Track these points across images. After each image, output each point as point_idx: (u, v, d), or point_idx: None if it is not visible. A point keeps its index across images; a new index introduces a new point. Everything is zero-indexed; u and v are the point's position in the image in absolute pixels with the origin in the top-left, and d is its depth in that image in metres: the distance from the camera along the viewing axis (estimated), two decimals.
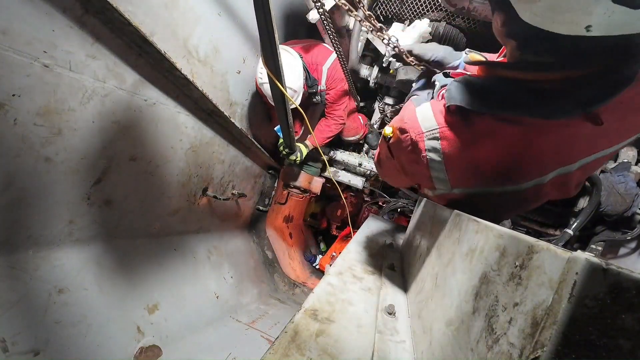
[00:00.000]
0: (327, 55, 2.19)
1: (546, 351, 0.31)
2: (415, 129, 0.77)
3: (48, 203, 1.23)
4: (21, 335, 1.08)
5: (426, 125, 0.76)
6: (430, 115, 0.76)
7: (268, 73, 1.47)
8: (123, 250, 1.58)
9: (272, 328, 2.09)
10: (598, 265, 0.29)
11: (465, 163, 0.75)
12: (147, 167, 1.60)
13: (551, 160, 0.74)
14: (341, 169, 2.99)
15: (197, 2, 1.58)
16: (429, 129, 0.75)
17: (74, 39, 1.12)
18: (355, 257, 1.21)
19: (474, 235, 0.61)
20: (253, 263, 2.74)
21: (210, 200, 2.20)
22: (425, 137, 0.75)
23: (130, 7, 1.24)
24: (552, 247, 0.36)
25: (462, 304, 0.55)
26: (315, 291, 0.84)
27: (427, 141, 0.75)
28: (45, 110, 1.11)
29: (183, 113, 1.71)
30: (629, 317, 0.29)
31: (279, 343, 0.61)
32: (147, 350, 1.45)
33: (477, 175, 0.77)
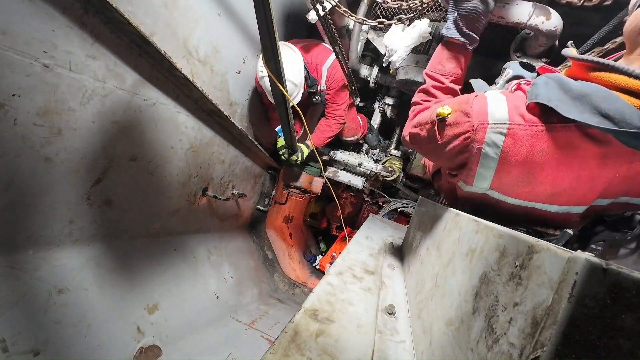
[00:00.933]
0: (327, 55, 2.20)
1: (546, 351, 0.31)
2: (481, 116, 0.70)
3: (48, 203, 1.22)
4: (21, 335, 1.08)
5: (496, 117, 0.69)
6: (504, 108, 0.70)
7: (269, 73, 1.47)
8: (123, 250, 1.58)
9: (272, 328, 2.09)
10: (598, 265, 0.29)
11: (521, 170, 0.69)
12: (147, 167, 1.60)
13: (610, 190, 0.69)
14: (341, 169, 2.99)
15: (197, 2, 1.58)
16: (498, 121, 0.68)
17: (74, 39, 1.12)
18: (355, 257, 1.21)
19: (474, 235, 0.61)
20: (253, 263, 2.74)
21: (210, 200, 2.20)
22: (489, 129, 0.69)
23: (130, 7, 1.24)
24: (552, 247, 0.36)
25: (462, 304, 0.55)
26: (315, 291, 0.84)
27: (490, 134, 0.69)
28: (45, 110, 1.11)
29: (183, 113, 1.71)
30: (629, 317, 0.29)
31: (279, 343, 0.61)
32: (147, 350, 1.45)
33: (525, 186, 0.72)
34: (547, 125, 0.65)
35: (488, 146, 0.69)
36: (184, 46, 1.57)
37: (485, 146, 0.70)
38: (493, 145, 0.69)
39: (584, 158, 0.64)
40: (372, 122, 3.03)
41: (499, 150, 0.69)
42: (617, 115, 0.56)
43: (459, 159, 0.78)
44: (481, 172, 0.74)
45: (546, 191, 0.72)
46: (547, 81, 0.67)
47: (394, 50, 2.14)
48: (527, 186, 0.72)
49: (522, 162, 0.68)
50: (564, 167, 0.66)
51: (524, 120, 0.67)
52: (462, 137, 0.73)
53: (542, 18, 1.64)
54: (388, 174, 2.80)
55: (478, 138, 0.70)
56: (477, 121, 0.70)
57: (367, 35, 2.41)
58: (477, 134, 0.70)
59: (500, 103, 0.71)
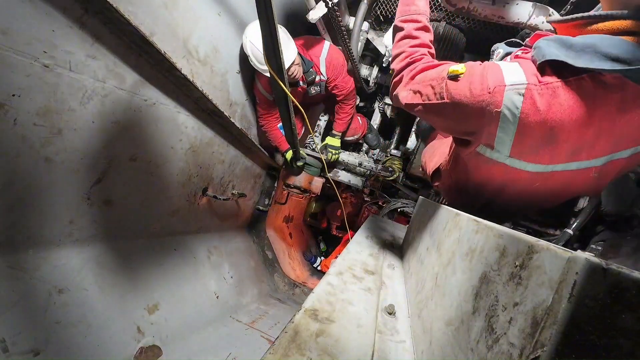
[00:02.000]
0: (320, 46, 2.19)
1: (546, 351, 0.31)
2: (497, 79, 0.70)
3: (48, 203, 1.22)
4: (21, 335, 1.08)
5: (512, 79, 0.69)
6: (520, 71, 0.69)
7: (270, 72, 1.47)
8: (123, 250, 1.58)
9: (272, 328, 2.09)
10: (598, 265, 0.29)
11: (542, 131, 0.68)
12: (147, 167, 1.60)
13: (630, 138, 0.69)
14: (341, 169, 2.99)
15: (197, 2, 1.58)
16: (515, 82, 0.68)
17: (74, 39, 1.12)
18: (355, 257, 1.21)
19: (474, 235, 0.61)
20: (253, 263, 2.74)
21: (210, 200, 2.20)
22: (506, 91, 0.68)
23: (130, 7, 1.24)
24: (552, 247, 0.36)
25: (462, 304, 0.55)
26: (315, 291, 0.83)
27: (508, 95, 0.68)
28: (45, 110, 1.11)
29: (183, 113, 1.71)
30: (629, 317, 0.29)
31: (279, 343, 0.61)
32: (147, 350, 1.45)
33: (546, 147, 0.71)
34: (562, 81, 0.65)
35: (507, 109, 0.69)
36: (184, 46, 1.57)
37: (504, 109, 0.69)
38: (512, 107, 0.68)
39: (602, 107, 0.65)
40: (372, 122, 3.03)
41: (518, 111, 0.68)
42: (627, 55, 0.58)
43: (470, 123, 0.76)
44: (501, 136, 0.73)
45: (567, 149, 0.72)
46: (548, 42, 0.68)
47: None
48: (548, 146, 0.71)
49: (542, 122, 0.67)
50: (584, 120, 0.66)
51: (539, 80, 0.67)
52: (476, 101, 0.72)
53: (542, 18, 1.63)
54: (388, 174, 2.80)
55: (495, 101, 0.69)
56: (493, 84, 0.70)
57: (367, 35, 2.41)
58: (493, 96, 0.69)
59: (514, 67, 0.71)
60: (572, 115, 0.66)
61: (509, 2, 1.71)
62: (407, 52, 0.94)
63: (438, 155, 1.46)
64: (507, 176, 0.84)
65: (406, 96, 0.90)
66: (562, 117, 0.66)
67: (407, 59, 0.93)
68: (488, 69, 0.73)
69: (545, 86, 0.66)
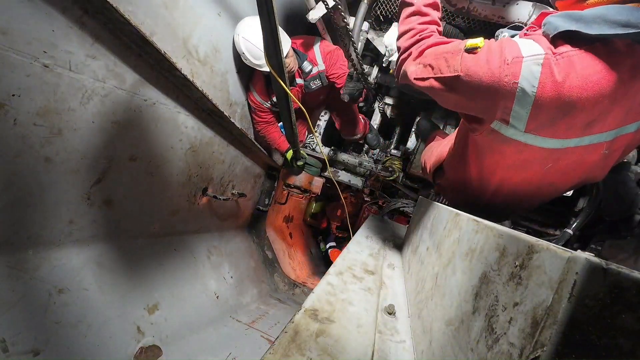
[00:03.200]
0: (312, 40, 2.20)
1: (546, 351, 0.31)
2: (515, 52, 0.70)
3: (48, 203, 1.22)
4: (21, 335, 1.08)
5: (528, 50, 0.69)
6: (535, 44, 0.70)
7: (271, 71, 1.47)
8: (123, 250, 1.58)
9: (272, 328, 2.09)
10: (598, 265, 0.29)
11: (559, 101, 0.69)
12: (147, 167, 1.60)
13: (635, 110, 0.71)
14: (341, 169, 2.99)
15: (197, 2, 1.58)
16: (532, 53, 0.69)
17: (73, 39, 1.12)
18: (355, 257, 1.21)
19: (474, 235, 0.61)
20: (253, 263, 2.74)
21: (210, 200, 2.20)
22: (524, 61, 0.69)
23: (130, 7, 1.24)
24: (552, 247, 0.36)
25: (462, 304, 0.55)
26: (315, 291, 0.83)
27: (526, 66, 0.68)
28: (45, 110, 1.11)
29: (183, 113, 1.71)
30: (629, 317, 0.29)
31: (279, 343, 0.61)
32: (147, 350, 1.45)
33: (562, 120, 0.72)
34: (577, 51, 0.67)
35: (525, 79, 0.69)
36: (184, 46, 1.57)
37: (522, 80, 0.69)
38: (530, 78, 0.68)
39: (615, 74, 0.66)
40: (372, 122, 3.03)
41: (536, 82, 0.68)
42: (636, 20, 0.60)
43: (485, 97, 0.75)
44: (517, 109, 0.72)
45: (583, 121, 0.72)
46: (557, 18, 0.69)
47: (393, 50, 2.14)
48: (565, 118, 0.72)
49: (559, 92, 0.68)
50: (600, 87, 0.67)
51: (553, 52, 0.68)
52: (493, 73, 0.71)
53: None
54: (388, 174, 2.80)
55: (513, 72, 0.69)
56: (511, 56, 0.70)
57: (367, 35, 2.41)
58: (511, 68, 0.70)
59: (530, 42, 0.72)
60: (588, 83, 0.67)
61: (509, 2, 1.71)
62: (416, 29, 0.92)
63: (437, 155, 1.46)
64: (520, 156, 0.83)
65: (415, 70, 0.88)
66: (578, 85, 0.67)
67: (417, 35, 0.91)
68: (505, 43, 0.74)
69: (561, 56, 0.67)
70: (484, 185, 1.07)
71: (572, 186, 0.97)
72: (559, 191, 1.02)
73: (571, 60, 0.67)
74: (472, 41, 0.76)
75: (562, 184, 0.96)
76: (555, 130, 0.75)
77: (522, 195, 1.04)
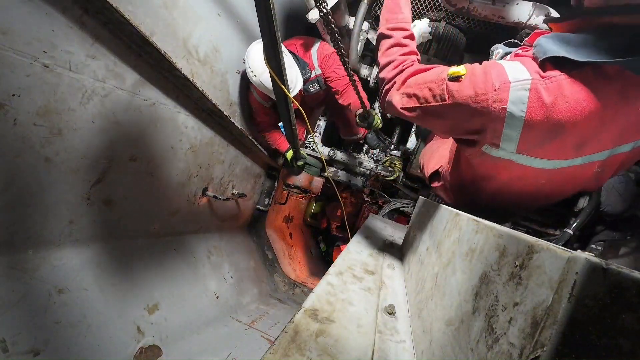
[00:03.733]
0: (312, 42, 2.19)
1: (546, 351, 0.31)
2: (501, 77, 0.71)
3: (48, 203, 1.22)
4: (21, 335, 1.08)
5: (515, 76, 0.70)
6: (522, 68, 0.71)
7: (270, 73, 1.47)
8: (123, 250, 1.58)
9: (272, 328, 2.09)
10: (598, 265, 0.29)
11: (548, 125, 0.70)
12: (147, 167, 1.60)
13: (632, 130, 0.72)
14: (341, 169, 2.99)
15: (197, 2, 1.58)
16: (519, 79, 0.70)
17: (73, 39, 1.12)
18: (355, 257, 1.21)
19: (474, 235, 0.61)
20: (253, 263, 2.74)
21: (210, 200, 2.20)
22: (512, 87, 0.70)
23: (130, 7, 1.24)
24: (552, 247, 0.36)
25: (462, 304, 0.55)
26: (315, 291, 0.83)
27: (514, 92, 0.69)
28: (45, 110, 1.11)
29: (183, 113, 1.71)
30: (629, 317, 0.29)
31: (279, 343, 0.61)
32: (147, 350, 1.45)
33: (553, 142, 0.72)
34: (565, 75, 0.67)
35: (513, 104, 0.70)
36: (184, 46, 1.57)
37: (510, 105, 0.70)
38: (518, 103, 0.69)
39: (605, 97, 0.67)
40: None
41: (524, 107, 0.69)
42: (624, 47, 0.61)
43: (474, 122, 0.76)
44: (507, 132, 0.73)
45: (573, 143, 0.73)
46: (548, 40, 0.70)
47: None
48: (555, 140, 0.72)
49: (548, 115, 0.69)
50: (589, 110, 0.68)
51: (541, 76, 0.69)
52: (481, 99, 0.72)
53: (542, 18, 1.63)
54: (388, 174, 2.80)
55: (501, 98, 0.70)
56: (499, 82, 0.71)
57: (367, 35, 2.41)
58: (499, 94, 0.70)
59: (517, 65, 0.73)
60: (577, 106, 0.68)
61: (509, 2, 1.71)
62: (398, 60, 0.95)
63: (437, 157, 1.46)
64: (512, 173, 0.84)
65: (400, 100, 0.90)
66: (567, 109, 0.68)
67: (400, 66, 0.94)
68: (490, 68, 0.74)
69: (549, 80, 0.68)
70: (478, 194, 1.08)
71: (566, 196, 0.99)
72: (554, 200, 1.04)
73: (560, 84, 0.68)
74: (454, 69, 0.77)
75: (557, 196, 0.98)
76: (546, 152, 0.76)
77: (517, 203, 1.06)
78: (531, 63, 0.72)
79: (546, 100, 0.68)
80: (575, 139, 0.72)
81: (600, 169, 0.81)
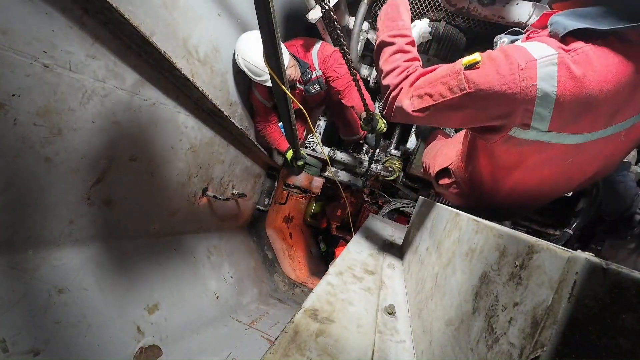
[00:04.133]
0: (313, 43, 2.19)
1: (546, 351, 0.31)
2: (526, 56, 0.69)
3: (48, 203, 1.22)
4: (21, 335, 1.08)
5: (540, 53, 0.69)
6: (544, 45, 0.70)
7: (270, 72, 1.47)
8: (123, 250, 1.58)
9: (272, 328, 2.09)
10: (598, 265, 0.29)
11: (581, 97, 0.68)
12: (147, 167, 1.60)
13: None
14: (341, 169, 2.99)
15: (197, 2, 1.58)
16: (545, 55, 0.68)
17: (73, 39, 1.12)
18: (355, 257, 1.21)
19: (474, 235, 0.61)
20: (253, 263, 2.74)
21: (210, 200, 2.20)
22: (539, 64, 0.68)
23: (130, 7, 1.24)
24: (552, 247, 0.36)
25: (462, 304, 0.55)
26: (315, 291, 0.83)
27: (542, 68, 0.68)
28: (45, 110, 1.11)
29: (183, 113, 1.71)
30: (629, 317, 0.29)
31: (279, 343, 0.61)
32: (147, 350, 1.45)
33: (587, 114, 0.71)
34: (591, 46, 0.67)
35: (543, 81, 0.68)
36: (184, 46, 1.57)
37: (540, 82, 0.68)
38: (548, 79, 0.68)
39: (633, 63, 0.67)
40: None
41: (555, 82, 0.67)
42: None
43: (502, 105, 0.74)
44: (539, 111, 0.71)
45: (607, 112, 0.72)
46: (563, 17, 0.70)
47: None
48: (589, 112, 0.71)
49: (580, 88, 0.68)
50: (619, 78, 0.67)
51: (565, 50, 0.68)
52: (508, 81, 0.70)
53: None
54: (388, 174, 2.80)
55: (529, 76, 0.68)
56: (524, 60, 0.69)
57: (367, 35, 2.41)
58: (526, 72, 0.69)
59: (538, 44, 0.71)
60: (608, 75, 0.67)
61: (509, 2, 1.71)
62: (402, 66, 0.94)
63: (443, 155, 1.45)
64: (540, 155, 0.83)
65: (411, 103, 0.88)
66: (598, 79, 0.67)
67: (405, 72, 0.93)
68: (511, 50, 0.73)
69: (576, 52, 0.67)
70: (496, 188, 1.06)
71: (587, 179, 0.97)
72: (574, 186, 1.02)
73: (587, 55, 0.67)
74: (467, 58, 0.75)
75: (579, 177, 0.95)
76: (580, 126, 0.74)
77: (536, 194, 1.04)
78: (551, 40, 0.71)
79: (576, 72, 0.67)
80: (609, 107, 0.72)
81: (624, 138, 0.81)
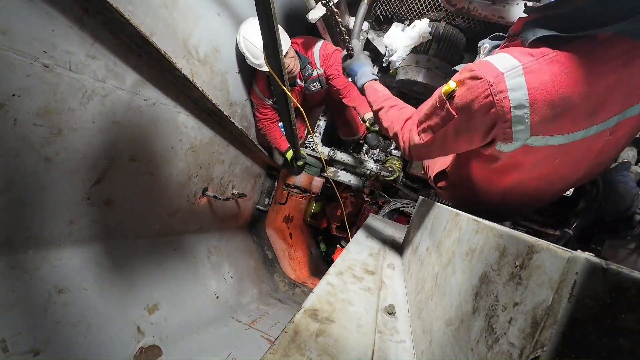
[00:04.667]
0: (314, 42, 2.20)
1: (546, 351, 0.31)
2: (492, 71, 0.71)
3: (48, 203, 1.22)
4: (21, 335, 1.08)
5: (505, 66, 0.71)
6: (508, 57, 0.72)
7: (270, 72, 1.47)
8: (123, 250, 1.58)
9: (272, 328, 2.09)
10: (598, 265, 0.29)
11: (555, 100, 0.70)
12: (147, 167, 1.60)
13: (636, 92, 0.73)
14: (341, 169, 2.99)
15: (197, 2, 1.58)
16: (510, 68, 0.70)
17: (73, 39, 1.12)
18: (355, 257, 1.21)
19: (474, 235, 0.61)
20: (253, 263, 2.74)
21: (210, 200, 2.20)
22: (506, 77, 0.70)
23: (130, 7, 1.24)
24: (552, 247, 0.36)
25: (462, 304, 0.55)
26: (315, 291, 0.83)
27: (509, 80, 0.70)
28: (45, 110, 1.11)
29: (183, 113, 1.71)
30: (629, 317, 0.29)
31: (279, 343, 0.61)
32: (147, 350, 1.45)
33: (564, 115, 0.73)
34: (559, 51, 0.69)
35: (514, 91, 0.70)
36: (184, 46, 1.57)
37: (511, 93, 0.70)
38: (518, 89, 0.70)
39: (606, 63, 0.68)
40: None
41: (525, 90, 0.69)
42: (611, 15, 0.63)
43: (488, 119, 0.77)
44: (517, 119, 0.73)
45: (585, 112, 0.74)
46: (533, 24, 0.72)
47: (393, 50, 2.13)
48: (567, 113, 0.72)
49: (552, 92, 0.69)
50: (591, 78, 0.68)
51: (534, 56, 0.70)
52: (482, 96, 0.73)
53: None
54: (388, 174, 2.80)
55: (500, 89, 0.71)
56: (492, 76, 0.71)
57: (367, 35, 2.41)
58: (496, 87, 0.71)
59: (502, 56, 0.74)
60: (578, 76, 0.68)
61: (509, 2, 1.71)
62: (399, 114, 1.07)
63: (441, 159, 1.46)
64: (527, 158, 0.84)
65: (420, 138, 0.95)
66: (568, 82, 0.68)
67: (404, 117, 1.04)
68: (477, 67, 0.75)
69: (543, 59, 0.69)
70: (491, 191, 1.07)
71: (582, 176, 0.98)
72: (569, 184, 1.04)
73: (554, 59, 0.69)
74: (445, 88, 0.80)
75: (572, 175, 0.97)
76: (560, 127, 0.76)
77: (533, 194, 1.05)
78: (520, 49, 0.74)
79: (544, 78, 0.69)
80: (587, 108, 0.73)
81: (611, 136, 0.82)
